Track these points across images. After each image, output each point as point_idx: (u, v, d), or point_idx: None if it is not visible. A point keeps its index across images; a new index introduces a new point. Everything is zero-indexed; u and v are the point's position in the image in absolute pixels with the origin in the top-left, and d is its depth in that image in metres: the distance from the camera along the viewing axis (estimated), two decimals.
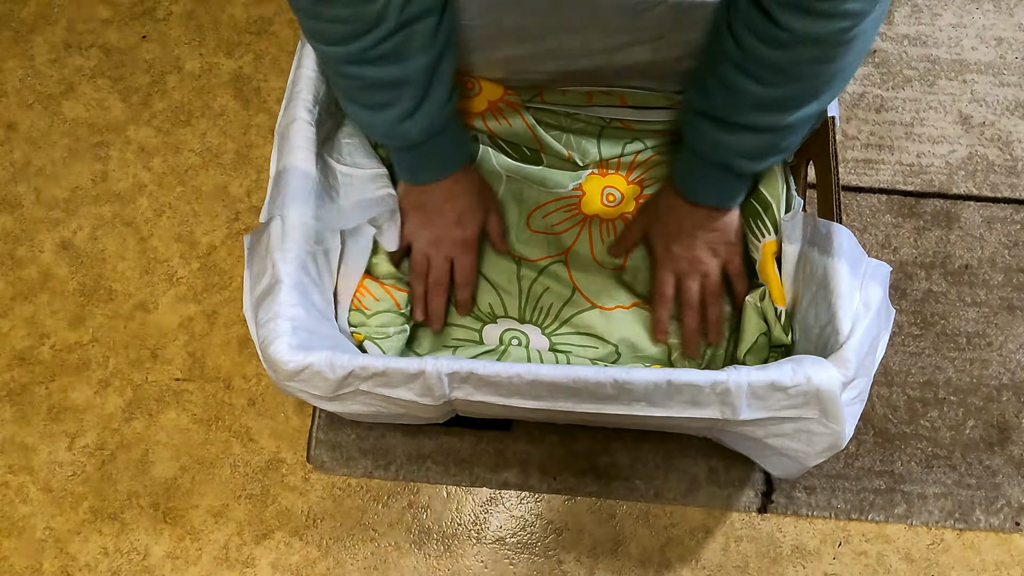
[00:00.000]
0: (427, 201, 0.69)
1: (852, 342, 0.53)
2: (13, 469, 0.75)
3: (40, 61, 0.90)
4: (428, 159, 0.67)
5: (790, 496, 0.72)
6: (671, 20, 0.67)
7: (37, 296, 0.80)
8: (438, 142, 0.66)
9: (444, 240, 0.70)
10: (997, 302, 0.79)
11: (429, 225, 0.70)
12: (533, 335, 0.72)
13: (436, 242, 0.70)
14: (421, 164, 0.67)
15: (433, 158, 0.67)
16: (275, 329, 0.55)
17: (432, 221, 0.70)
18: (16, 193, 0.84)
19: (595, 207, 0.76)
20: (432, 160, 0.67)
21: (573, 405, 0.55)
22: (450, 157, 0.68)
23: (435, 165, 0.67)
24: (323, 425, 0.75)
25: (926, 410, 0.75)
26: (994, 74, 0.87)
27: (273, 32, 0.90)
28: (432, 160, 0.67)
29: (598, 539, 0.72)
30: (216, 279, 0.81)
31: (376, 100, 0.62)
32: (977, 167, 0.83)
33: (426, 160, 0.67)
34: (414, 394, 0.56)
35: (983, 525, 0.72)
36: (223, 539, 0.72)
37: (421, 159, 0.67)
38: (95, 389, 0.77)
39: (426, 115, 0.63)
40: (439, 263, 0.70)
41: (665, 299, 0.69)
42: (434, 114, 0.64)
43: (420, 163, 0.67)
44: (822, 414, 0.53)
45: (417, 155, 0.66)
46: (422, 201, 0.69)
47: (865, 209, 0.82)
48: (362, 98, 0.62)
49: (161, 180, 0.85)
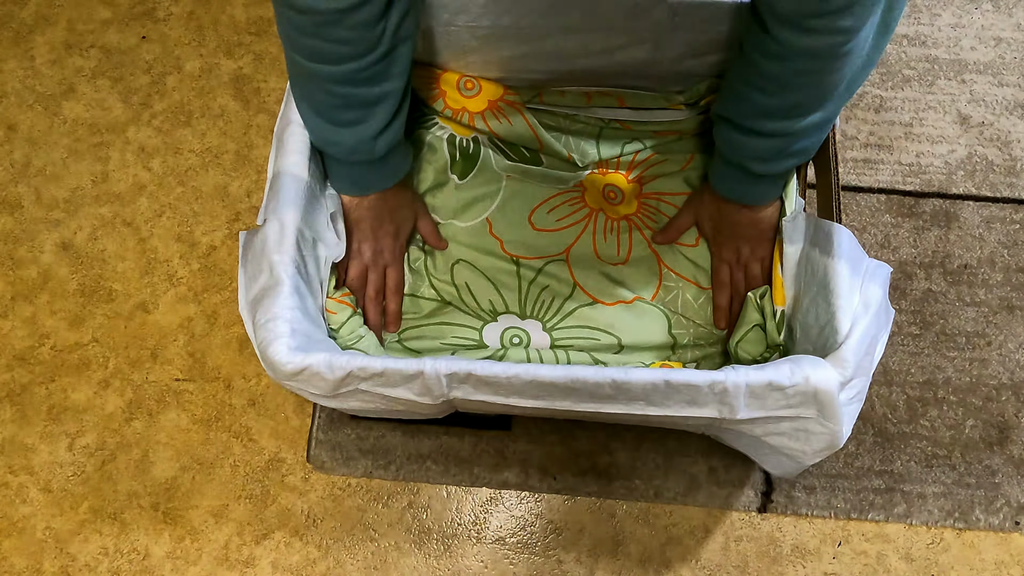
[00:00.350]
0: (369, 215, 0.69)
1: (850, 342, 0.53)
2: (13, 469, 0.75)
3: (40, 62, 0.90)
4: (383, 171, 0.67)
5: (790, 496, 0.72)
6: (669, 21, 0.67)
7: (37, 296, 0.81)
8: (395, 153, 0.67)
9: (384, 252, 0.71)
10: (996, 302, 0.79)
11: (371, 238, 0.70)
12: (534, 332, 0.72)
13: (376, 254, 0.71)
14: (375, 177, 0.68)
15: (387, 171, 0.68)
16: (274, 330, 0.55)
17: (374, 234, 0.70)
18: (16, 193, 0.85)
19: (598, 203, 0.77)
20: (386, 172, 0.68)
21: (571, 404, 0.55)
22: (400, 167, 0.69)
23: (387, 176, 0.68)
24: (323, 425, 0.75)
25: (926, 410, 0.75)
26: (993, 74, 0.87)
27: (273, 33, 0.90)
28: (386, 172, 0.68)
29: (598, 539, 0.72)
30: (216, 279, 0.81)
31: (350, 118, 0.62)
32: (976, 167, 0.83)
33: (380, 172, 0.67)
34: (413, 393, 0.56)
35: (983, 524, 0.72)
36: (223, 539, 0.72)
37: (376, 172, 0.67)
38: (95, 389, 0.77)
39: (394, 131, 0.65)
40: (376, 277, 0.71)
41: (722, 285, 0.73)
42: (399, 129, 0.65)
43: (374, 176, 0.67)
44: (820, 414, 0.53)
45: (373, 168, 0.67)
46: (364, 215, 0.69)
47: (865, 209, 0.82)
48: (336, 115, 0.62)
49: (161, 180, 0.85)
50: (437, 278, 0.74)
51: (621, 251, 0.75)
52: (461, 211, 0.76)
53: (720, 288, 0.73)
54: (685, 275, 0.74)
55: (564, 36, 0.70)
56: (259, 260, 0.58)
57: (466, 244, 0.75)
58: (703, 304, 0.73)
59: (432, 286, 0.74)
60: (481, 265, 0.74)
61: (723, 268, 0.73)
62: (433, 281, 0.74)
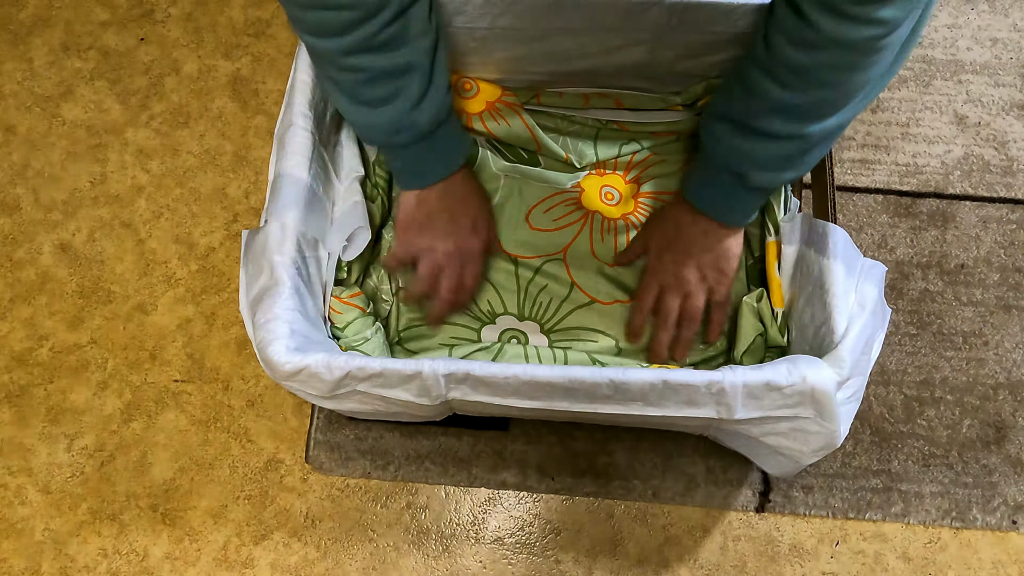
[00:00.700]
0: (438, 208, 0.67)
1: (847, 342, 0.53)
2: (12, 471, 0.75)
3: (38, 64, 0.90)
4: (436, 153, 0.65)
5: (788, 495, 0.73)
6: (667, 21, 0.68)
7: (36, 298, 0.81)
8: (446, 131, 0.65)
9: (461, 251, 0.69)
10: (993, 301, 0.79)
11: (447, 237, 0.68)
12: (532, 334, 0.72)
13: (452, 254, 0.68)
14: (429, 161, 0.66)
15: (441, 152, 0.65)
16: (273, 331, 0.55)
17: (449, 233, 0.68)
18: (15, 195, 0.85)
19: (595, 204, 0.77)
20: (440, 154, 0.66)
21: (569, 405, 0.55)
22: (456, 149, 0.67)
23: (443, 160, 0.66)
24: (321, 426, 0.75)
25: (923, 409, 0.75)
26: (989, 74, 0.87)
27: (271, 34, 0.91)
28: (440, 154, 0.66)
29: (596, 539, 0.72)
30: (214, 280, 0.81)
31: (381, 93, 0.60)
32: (973, 167, 0.84)
33: (434, 155, 0.65)
34: (411, 395, 0.56)
35: (980, 524, 0.72)
36: (222, 540, 0.73)
37: (429, 154, 0.65)
38: (94, 391, 0.77)
39: (434, 100, 0.62)
40: (453, 273, 0.68)
41: (643, 308, 0.69)
42: (440, 99, 0.63)
43: (428, 160, 0.65)
44: (817, 413, 0.53)
45: (425, 149, 0.64)
46: (433, 209, 0.67)
47: (861, 209, 0.82)
48: (366, 94, 0.60)
49: (159, 182, 0.85)
50: None
51: (618, 252, 0.75)
52: None
53: (639, 311, 0.68)
54: None
55: (561, 37, 0.70)
56: (259, 260, 0.59)
57: None
58: None
59: None
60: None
61: (651, 289, 0.68)
62: None
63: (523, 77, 0.76)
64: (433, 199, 0.67)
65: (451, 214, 0.68)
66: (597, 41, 0.70)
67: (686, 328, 0.68)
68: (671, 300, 0.68)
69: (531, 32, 0.69)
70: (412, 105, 0.61)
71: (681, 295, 0.67)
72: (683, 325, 0.68)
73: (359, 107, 0.62)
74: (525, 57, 0.72)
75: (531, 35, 0.70)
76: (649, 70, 0.73)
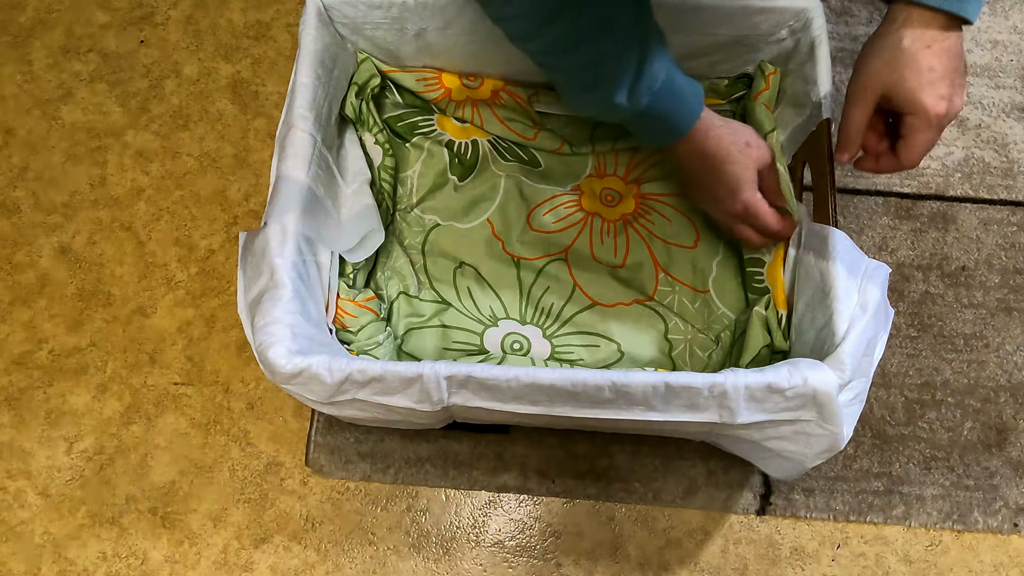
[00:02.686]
0: (713, 146, 0.64)
1: (847, 344, 0.53)
2: (11, 474, 0.75)
3: (38, 66, 0.90)
4: (683, 88, 0.62)
5: (788, 498, 0.73)
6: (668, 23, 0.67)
7: (35, 301, 0.80)
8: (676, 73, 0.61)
9: (751, 180, 0.65)
10: (994, 303, 0.79)
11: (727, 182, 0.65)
12: (535, 339, 0.72)
13: (744, 187, 0.65)
14: (684, 97, 0.62)
15: (684, 86, 0.62)
16: (274, 333, 0.55)
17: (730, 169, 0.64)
18: (14, 198, 0.84)
19: (594, 206, 0.77)
20: (686, 90, 0.62)
21: (571, 410, 0.55)
22: (692, 81, 0.63)
23: (692, 94, 0.63)
24: (322, 429, 0.75)
25: (924, 412, 0.75)
26: (990, 77, 0.87)
27: (271, 37, 0.91)
28: (686, 90, 0.62)
29: (597, 542, 0.72)
30: (214, 283, 0.81)
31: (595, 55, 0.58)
32: (973, 169, 0.84)
33: (683, 91, 0.62)
34: (411, 401, 0.55)
35: (981, 526, 0.72)
36: (222, 543, 0.72)
37: (680, 89, 0.62)
38: (93, 393, 0.77)
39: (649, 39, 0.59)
40: (759, 203, 0.65)
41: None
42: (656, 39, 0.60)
43: (682, 96, 0.62)
44: (820, 416, 0.53)
45: (674, 85, 0.61)
46: (708, 149, 0.64)
47: (862, 211, 0.82)
48: (590, 69, 0.58)
49: (159, 184, 0.85)
50: (438, 280, 0.74)
51: (618, 254, 0.75)
52: (462, 213, 0.76)
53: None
54: (682, 279, 0.74)
55: None
56: (259, 263, 0.58)
57: (469, 247, 0.75)
58: (700, 308, 0.73)
59: (433, 288, 0.74)
60: (483, 269, 0.74)
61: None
62: (434, 284, 0.74)
63: (523, 78, 0.76)
64: (702, 136, 0.64)
65: (730, 144, 0.65)
66: None
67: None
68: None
69: None
70: (641, 55, 0.58)
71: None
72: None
73: (595, 81, 0.59)
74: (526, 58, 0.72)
75: None
76: None
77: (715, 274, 0.74)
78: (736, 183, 0.65)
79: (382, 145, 0.74)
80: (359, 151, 0.72)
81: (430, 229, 0.76)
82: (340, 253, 0.67)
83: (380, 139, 0.74)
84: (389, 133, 0.77)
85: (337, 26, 0.70)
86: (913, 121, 0.57)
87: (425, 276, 0.74)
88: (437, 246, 0.75)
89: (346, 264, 0.68)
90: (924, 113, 0.56)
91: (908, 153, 0.58)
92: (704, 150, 0.64)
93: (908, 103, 0.57)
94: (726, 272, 0.74)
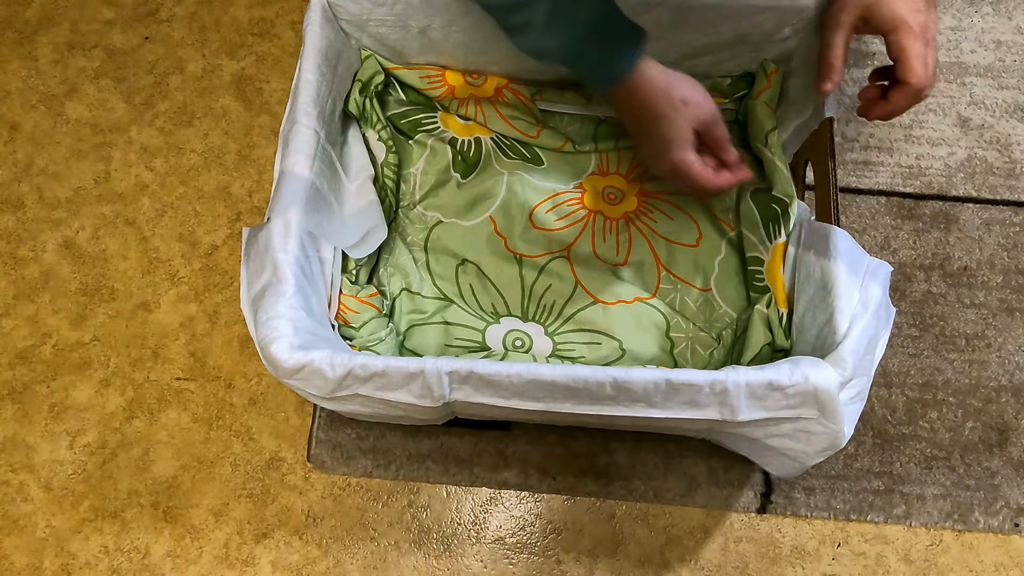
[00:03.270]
0: (644, 100, 0.61)
1: (849, 342, 0.53)
2: (14, 467, 0.75)
3: (44, 62, 0.90)
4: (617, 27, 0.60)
5: (789, 497, 0.73)
6: (670, 22, 0.68)
7: (39, 295, 0.81)
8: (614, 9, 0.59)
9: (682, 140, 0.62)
10: (996, 304, 0.79)
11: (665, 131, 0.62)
12: (536, 336, 0.72)
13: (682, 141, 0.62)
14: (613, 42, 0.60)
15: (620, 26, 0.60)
16: (277, 328, 0.55)
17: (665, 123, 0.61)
18: (19, 193, 0.85)
19: (597, 204, 0.77)
20: (620, 30, 0.60)
21: (572, 406, 0.55)
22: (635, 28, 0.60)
23: (626, 41, 0.60)
24: (323, 424, 0.75)
25: (925, 411, 0.75)
26: (993, 77, 0.87)
27: (275, 34, 0.91)
28: (620, 30, 0.60)
29: (597, 539, 0.72)
30: (217, 279, 0.81)
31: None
32: (976, 169, 0.84)
33: (614, 37, 0.60)
34: (413, 396, 0.56)
35: (982, 526, 0.72)
36: (223, 538, 0.73)
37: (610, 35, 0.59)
38: (96, 388, 0.77)
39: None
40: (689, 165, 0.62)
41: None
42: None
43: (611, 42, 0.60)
44: (820, 414, 0.53)
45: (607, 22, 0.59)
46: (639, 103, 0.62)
47: (864, 211, 0.82)
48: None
49: (163, 180, 0.85)
50: (441, 276, 0.74)
51: (620, 252, 0.75)
52: (464, 210, 0.76)
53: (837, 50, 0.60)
54: (684, 277, 0.74)
55: None
56: (262, 258, 0.58)
57: (471, 244, 0.75)
58: (702, 307, 0.73)
59: (435, 285, 0.74)
60: (485, 266, 0.75)
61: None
62: (436, 281, 0.74)
63: (526, 76, 0.76)
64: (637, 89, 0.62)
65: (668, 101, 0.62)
66: None
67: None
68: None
69: None
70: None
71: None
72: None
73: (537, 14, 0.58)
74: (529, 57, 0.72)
75: None
76: None
77: (717, 272, 0.74)
78: (665, 143, 0.62)
79: (385, 142, 0.74)
80: (362, 148, 0.73)
81: (433, 226, 0.76)
82: (343, 249, 0.67)
83: (384, 136, 0.74)
84: (392, 130, 0.77)
85: (341, 23, 0.70)
86: (899, 38, 0.57)
87: (427, 273, 0.75)
88: (440, 243, 0.76)
89: (349, 260, 0.69)
90: (906, 24, 0.56)
91: (910, 73, 0.57)
92: (635, 104, 0.62)
93: (889, 20, 0.56)
94: (728, 270, 0.74)
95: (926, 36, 0.57)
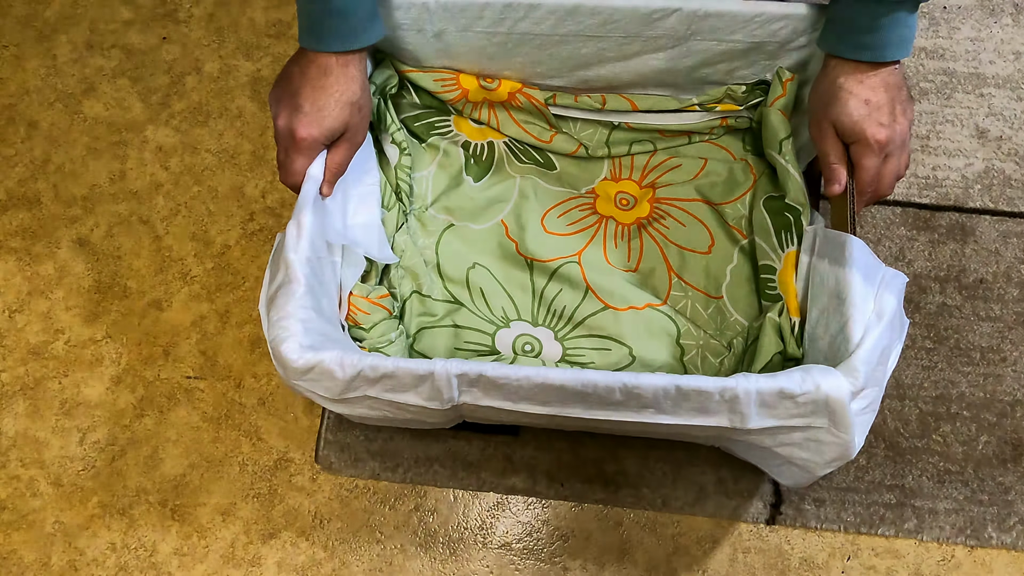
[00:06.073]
0: (306, 77, 0.61)
1: (861, 351, 0.52)
2: (24, 463, 0.76)
3: (62, 61, 0.91)
4: (341, 13, 0.59)
5: (799, 508, 0.72)
6: (685, 29, 0.68)
7: (53, 292, 0.81)
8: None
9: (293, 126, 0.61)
10: (1012, 317, 0.78)
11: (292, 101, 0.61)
12: (546, 341, 0.72)
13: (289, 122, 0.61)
14: (332, 17, 0.59)
15: (346, 14, 0.59)
16: (287, 328, 0.55)
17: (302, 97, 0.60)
18: (35, 190, 0.86)
19: (609, 209, 0.77)
20: (343, 17, 0.59)
21: (582, 411, 0.55)
22: (363, 23, 0.61)
23: (344, 28, 0.60)
24: (332, 426, 0.75)
25: (938, 424, 0.75)
26: (1012, 88, 0.87)
27: (292, 35, 0.91)
28: (343, 17, 0.59)
29: (604, 547, 0.72)
30: (229, 279, 0.81)
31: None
32: (993, 181, 0.83)
33: (338, 13, 0.59)
34: (422, 398, 0.55)
35: (995, 542, 0.71)
36: (230, 537, 0.73)
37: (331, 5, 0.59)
38: (107, 385, 0.78)
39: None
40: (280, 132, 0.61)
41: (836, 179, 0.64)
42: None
43: (330, 15, 0.59)
44: (831, 423, 0.52)
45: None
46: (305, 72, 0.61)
47: (879, 221, 0.82)
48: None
49: (178, 179, 0.86)
50: (452, 279, 0.74)
51: (632, 258, 0.75)
52: (477, 214, 0.76)
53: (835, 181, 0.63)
54: (695, 284, 0.74)
55: (580, 43, 0.70)
56: (278, 259, 0.59)
57: (482, 248, 0.75)
58: (713, 314, 0.73)
59: (446, 288, 0.74)
60: (496, 270, 0.75)
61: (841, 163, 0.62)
62: (447, 283, 0.74)
63: (540, 81, 0.76)
64: (309, 62, 0.61)
65: (318, 86, 0.61)
66: (615, 47, 0.70)
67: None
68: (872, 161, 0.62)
69: (549, 37, 0.70)
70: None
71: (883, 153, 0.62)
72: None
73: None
74: (543, 62, 0.72)
75: (549, 40, 0.70)
76: (668, 77, 0.73)
77: (729, 280, 0.74)
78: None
79: (399, 145, 0.74)
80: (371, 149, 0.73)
81: (444, 229, 0.76)
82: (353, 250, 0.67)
83: (397, 138, 0.74)
84: (406, 133, 0.78)
85: None
86: (857, 149, 0.61)
87: (438, 275, 0.75)
88: (451, 246, 0.76)
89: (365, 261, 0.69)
90: (865, 140, 0.60)
91: (859, 182, 0.62)
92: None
93: (851, 133, 0.61)
94: (740, 278, 0.74)
95: (885, 150, 0.61)
